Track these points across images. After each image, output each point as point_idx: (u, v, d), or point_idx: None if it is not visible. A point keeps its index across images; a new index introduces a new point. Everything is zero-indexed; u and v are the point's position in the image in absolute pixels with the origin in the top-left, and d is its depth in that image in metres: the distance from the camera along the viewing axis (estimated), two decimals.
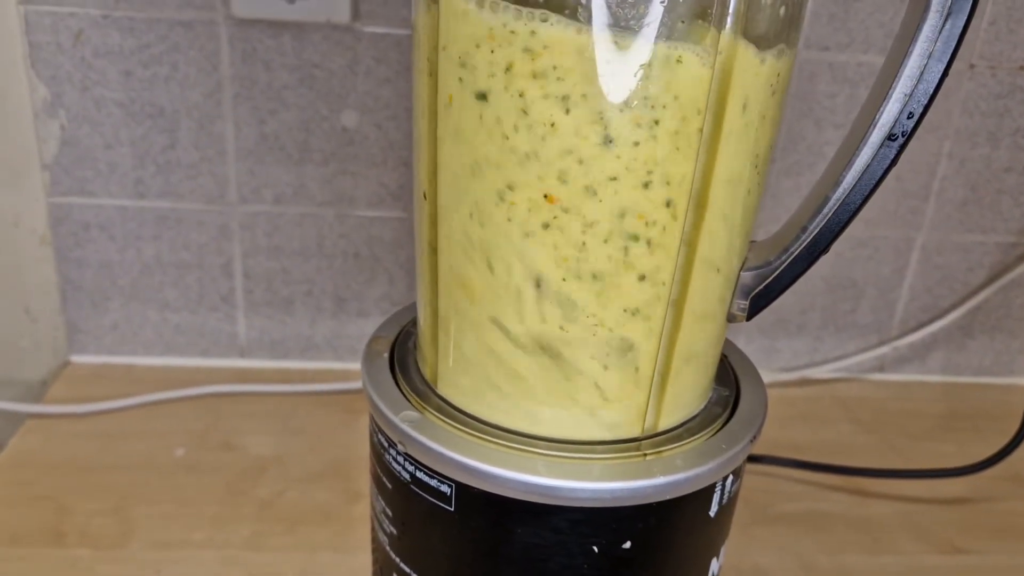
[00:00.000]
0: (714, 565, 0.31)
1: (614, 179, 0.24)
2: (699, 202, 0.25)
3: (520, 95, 0.23)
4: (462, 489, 0.27)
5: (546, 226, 0.25)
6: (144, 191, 0.56)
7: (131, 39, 0.52)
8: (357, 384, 0.59)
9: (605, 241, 0.25)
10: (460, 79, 0.24)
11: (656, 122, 0.23)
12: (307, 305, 0.61)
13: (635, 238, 0.25)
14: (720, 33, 0.23)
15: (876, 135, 0.26)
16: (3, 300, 0.59)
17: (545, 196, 0.24)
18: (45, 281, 0.58)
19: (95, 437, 0.53)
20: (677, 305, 0.26)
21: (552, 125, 0.23)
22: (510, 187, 0.24)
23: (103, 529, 0.45)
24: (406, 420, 0.28)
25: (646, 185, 0.24)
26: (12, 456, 0.51)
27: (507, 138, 0.24)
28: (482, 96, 0.24)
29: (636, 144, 0.23)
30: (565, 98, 0.23)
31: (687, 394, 0.29)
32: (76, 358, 0.61)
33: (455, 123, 0.25)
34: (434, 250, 0.28)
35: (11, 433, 0.53)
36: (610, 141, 0.23)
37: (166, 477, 0.50)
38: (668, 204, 0.24)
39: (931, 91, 0.25)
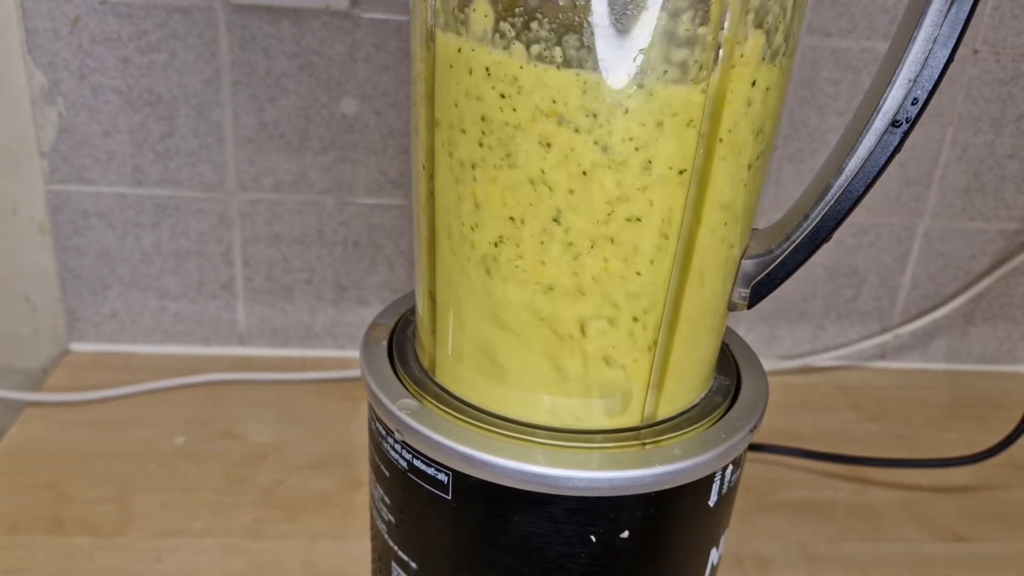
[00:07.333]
0: (714, 555, 0.31)
1: (613, 164, 0.23)
2: (699, 189, 0.25)
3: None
4: (459, 478, 0.27)
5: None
6: (143, 179, 0.56)
7: (128, 26, 0.52)
8: (357, 372, 0.59)
9: (606, 225, 0.24)
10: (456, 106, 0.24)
11: (659, 123, 0.23)
12: (307, 293, 0.60)
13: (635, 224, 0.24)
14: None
15: (880, 121, 0.25)
16: (2, 288, 0.59)
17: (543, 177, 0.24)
18: (44, 269, 0.58)
19: (95, 425, 0.53)
20: (677, 294, 0.26)
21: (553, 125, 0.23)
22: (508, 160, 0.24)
23: (103, 517, 0.45)
24: (403, 408, 0.28)
25: (642, 189, 0.24)
26: (12, 444, 0.51)
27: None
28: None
29: (632, 139, 0.23)
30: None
31: (687, 383, 0.29)
32: (75, 346, 0.61)
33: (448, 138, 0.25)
34: (433, 238, 0.28)
35: (11, 421, 0.53)
36: (609, 133, 0.23)
37: (166, 465, 0.50)
38: (668, 194, 0.24)
39: (936, 76, 0.24)
